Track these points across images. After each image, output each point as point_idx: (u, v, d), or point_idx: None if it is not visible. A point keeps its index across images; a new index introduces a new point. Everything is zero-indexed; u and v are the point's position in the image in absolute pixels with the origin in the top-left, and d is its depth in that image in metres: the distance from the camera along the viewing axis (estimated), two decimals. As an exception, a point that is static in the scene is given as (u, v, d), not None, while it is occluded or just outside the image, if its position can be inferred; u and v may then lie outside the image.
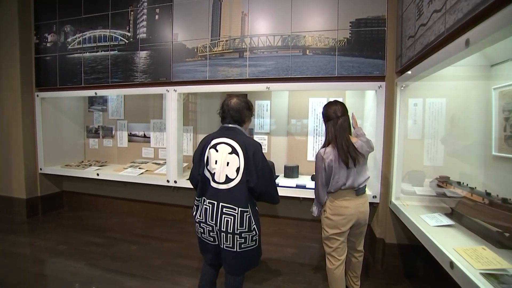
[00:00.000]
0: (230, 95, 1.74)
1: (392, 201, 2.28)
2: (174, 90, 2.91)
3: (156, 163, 3.56)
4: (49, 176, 3.71)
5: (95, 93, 3.25)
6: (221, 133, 1.68)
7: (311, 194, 2.54)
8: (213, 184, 1.60)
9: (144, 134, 3.84)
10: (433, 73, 1.81)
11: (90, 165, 3.67)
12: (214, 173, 1.59)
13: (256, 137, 3.34)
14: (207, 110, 3.47)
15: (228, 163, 1.58)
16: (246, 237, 1.59)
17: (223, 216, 1.56)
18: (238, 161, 1.58)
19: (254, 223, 1.62)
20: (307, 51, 2.53)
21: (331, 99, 3.05)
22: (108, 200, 3.82)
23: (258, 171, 1.57)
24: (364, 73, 2.42)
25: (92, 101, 4.11)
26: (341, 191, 1.79)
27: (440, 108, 2.36)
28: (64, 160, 3.83)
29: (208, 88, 2.82)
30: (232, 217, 1.56)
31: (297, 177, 2.99)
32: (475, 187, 1.66)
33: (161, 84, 3.00)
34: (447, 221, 1.69)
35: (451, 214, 1.83)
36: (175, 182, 2.99)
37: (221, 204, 1.57)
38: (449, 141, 2.35)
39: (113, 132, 4.00)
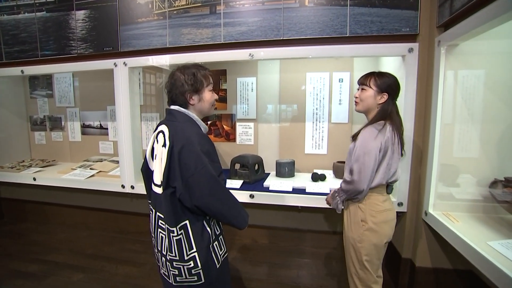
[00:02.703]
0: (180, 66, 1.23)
1: (429, 212, 1.63)
2: (123, 63, 2.12)
3: (114, 161, 2.80)
4: (-23, 181, 2.90)
5: (22, 71, 2.42)
6: (165, 118, 1.23)
7: (313, 202, 1.86)
8: (152, 186, 1.18)
9: (101, 124, 3.05)
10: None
11: (30, 166, 2.88)
12: (153, 170, 1.17)
13: (239, 125, 2.61)
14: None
15: (161, 159, 1.11)
16: (180, 268, 1.13)
17: (159, 230, 1.17)
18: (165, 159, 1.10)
19: (194, 250, 1.12)
20: (306, 1, 1.78)
21: (338, 74, 2.42)
22: (58, 209, 3.05)
23: (187, 178, 1.05)
24: (388, 30, 1.69)
25: (33, 84, 3.26)
26: (382, 186, 1.34)
27: (477, 83, 1.68)
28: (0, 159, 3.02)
29: (168, 59, 2.04)
30: (165, 234, 1.14)
31: (293, 176, 2.31)
32: None
33: (106, 56, 2.20)
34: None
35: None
36: (132, 187, 2.25)
37: (157, 214, 1.16)
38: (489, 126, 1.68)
39: (63, 123, 3.20)
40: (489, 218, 1.48)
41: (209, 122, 2.70)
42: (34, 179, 2.56)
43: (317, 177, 2.15)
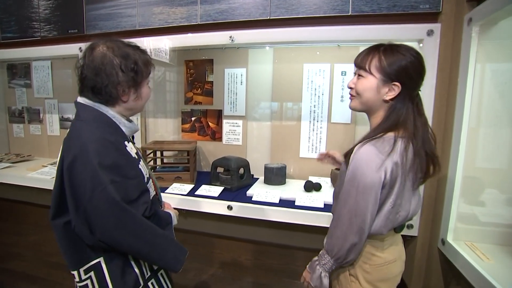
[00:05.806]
0: (102, 41, 0.88)
1: (447, 241, 1.28)
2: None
3: (89, 159, 2.53)
4: None
5: (-18, 56, 2.18)
6: None
7: (303, 218, 1.54)
8: None
9: (80, 118, 2.79)
10: None
11: (1, 161, 2.65)
12: None
13: (226, 123, 2.29)
14: (155, 83, 2.38)
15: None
16: None
17: None
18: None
19: None
20: (299, -30, 1.44)
21: (340, 65, 2.05)
22: (32, 208, 2.82)
23: (84, 204, 0.73)
24: (401, 8, 1.34)
25: (12, 73, 3.02)
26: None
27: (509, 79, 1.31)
28: (-27, 153, 2.81)
29: (138, 43, 1.73)
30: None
31: (284, 183, 1.98)
32: None
33: (71, 40, 1.92)
34: None
35: None
36: (98, 191, 1.97)
37: None
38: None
39: (41, 115, 2.96)
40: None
41: (193, 119, 2.39)
42: (-4, 177, 2.32)
43: (310, 186, 1.81)
